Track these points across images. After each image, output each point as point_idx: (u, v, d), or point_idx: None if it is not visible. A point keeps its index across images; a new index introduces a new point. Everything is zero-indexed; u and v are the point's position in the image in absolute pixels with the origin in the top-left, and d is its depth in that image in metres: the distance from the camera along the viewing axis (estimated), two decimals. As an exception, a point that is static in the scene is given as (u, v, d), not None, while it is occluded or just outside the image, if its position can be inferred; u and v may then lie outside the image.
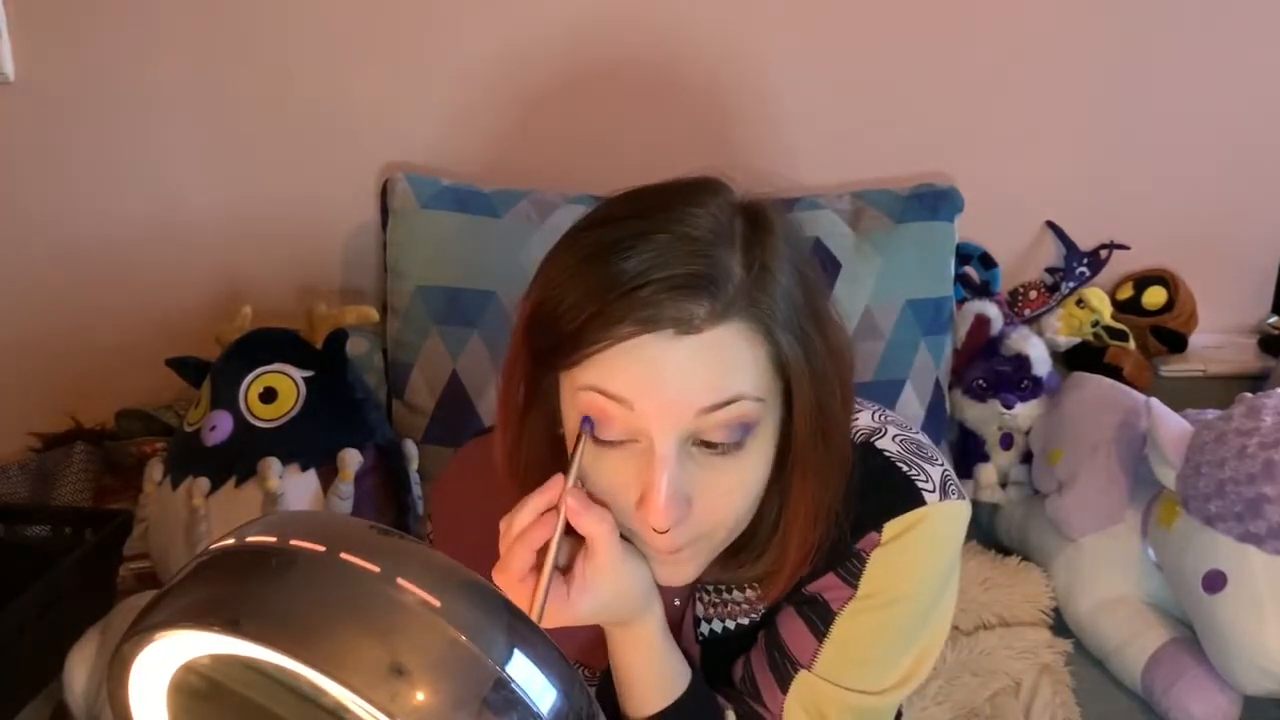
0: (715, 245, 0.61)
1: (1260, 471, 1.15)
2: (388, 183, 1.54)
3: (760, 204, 0.67)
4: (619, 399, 0.61)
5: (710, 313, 0.60)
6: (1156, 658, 1.26)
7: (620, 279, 0.60)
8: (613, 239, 0.62)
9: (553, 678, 0.49)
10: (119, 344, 1.63)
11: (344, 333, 1.38)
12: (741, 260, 0.62)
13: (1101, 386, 1.51)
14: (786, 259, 0.64)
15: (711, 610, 0.80)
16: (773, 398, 0.64)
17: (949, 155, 1.66)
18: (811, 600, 0.75)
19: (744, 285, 0.61)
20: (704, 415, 0.61)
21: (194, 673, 0.51)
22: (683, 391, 0.60)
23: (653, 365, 0.60)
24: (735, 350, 0.61)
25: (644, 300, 0.59)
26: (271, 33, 1.55)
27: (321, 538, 0.48)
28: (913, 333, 1.53)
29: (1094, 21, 1.63)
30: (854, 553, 0.72)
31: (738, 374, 0.61)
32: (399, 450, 1.40)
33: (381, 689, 0.44)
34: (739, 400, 0.61)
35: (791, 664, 0.75)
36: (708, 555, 0.69)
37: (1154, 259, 1.75)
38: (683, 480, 0.62)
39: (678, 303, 0.59)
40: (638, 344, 0.60)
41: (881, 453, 0.74)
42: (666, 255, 0.60)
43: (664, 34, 1.58)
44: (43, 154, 1.57)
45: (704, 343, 0.60)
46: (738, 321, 0.61)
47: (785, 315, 0.62)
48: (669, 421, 0.61)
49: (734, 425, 0.62)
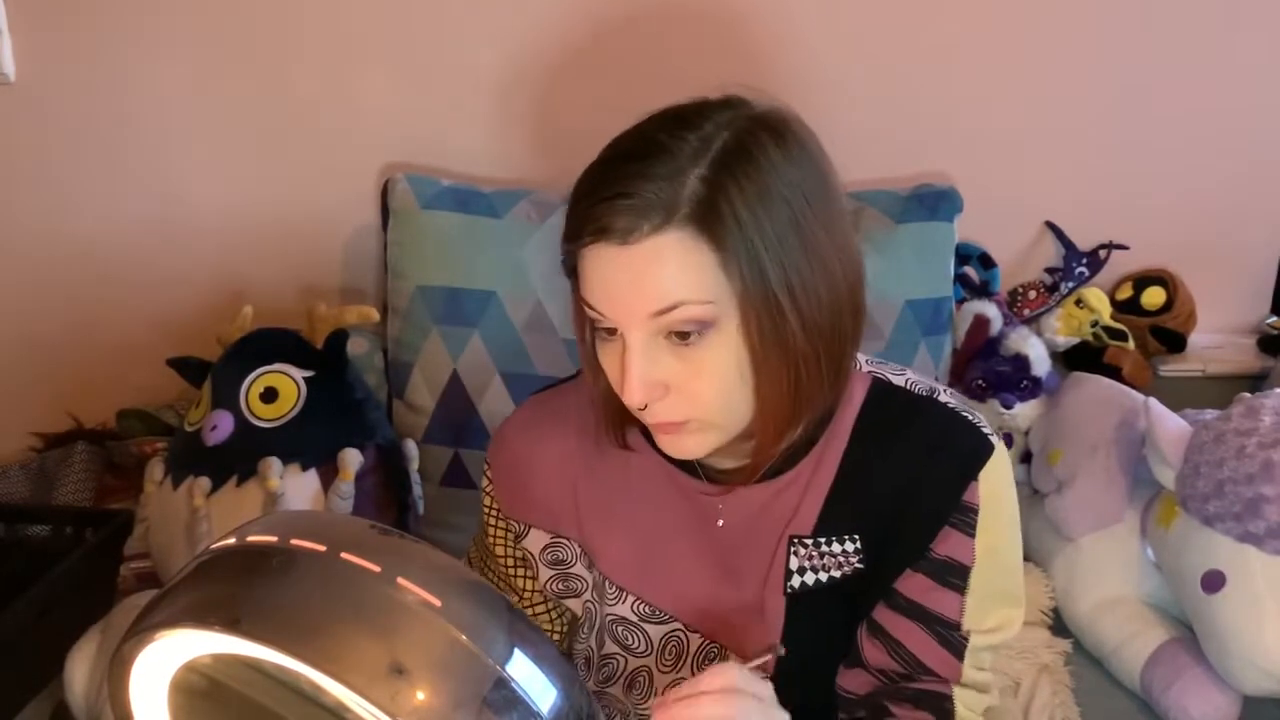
0: (679, 169, 0.68)
1: (1259, 471, 1.15)
2: (388, 183, 1.54)
3: (757, 126, 0.72)
4: (593, 306, 0.72)
5: (651, 226, 0.67)
6: (1155, 658, 1.26)
7: (593, 194, 0.69)
8: (604, 160, 0.72)
9: (553, 677, 0.49)
10: (120, 344, 1.63)
11: (344, 333, 1.38)
12: (701, 176, 0.68)
13: (1101, 386, 1.51)
14: (761, 180, 0.69)
15: (808, 562, 0.83)
16: (728, 299, 0.69)
17: (949, 155, 1.66)
18: (947, 566, 0.80)
19: (693, 201, 0.68)
20: (658, 318, 0.69)
21: (195, 672, 0.51)
22: (632, 297, 0.69)
23: (606, 272, 0.70)
24: (677, 258, 0.68)
25: (599, 213, 0.68)
26: (271, 33, 1.55)
27: (322, 538, 0.48)
28: (912, 333, 1.53)
29: (1094, 22, 1.63)
30: (964, 505, 0.79)
31: (681, 279, 0.68)
32: (399, 450, 1.40)
33: (382, 688, 0.44)
34: (682, 305, 0.69)
35: (955, 629, 0.81)
36: (708, 437, 0.75)
37: (1153, 259, 1.75)
38: (654, 368, 0.71)
39: (626, 216, 0.67)
40: (594, 251, 0.70)
41: (946, 405, 0.82)
42: (630, 176, 0.68)
43: (664, 34, 1.58)
44: (43, 154, 1.57)
45: (645, 251, 0.68)
46: (678, 232, 0.68)
47: (736, 232, 0.68)
48: (629, 322, 0.70)
49: (688, 323, 0.69)
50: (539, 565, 0.91)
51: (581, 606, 0.92)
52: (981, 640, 0.81)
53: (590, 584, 0.90)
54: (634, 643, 0.88)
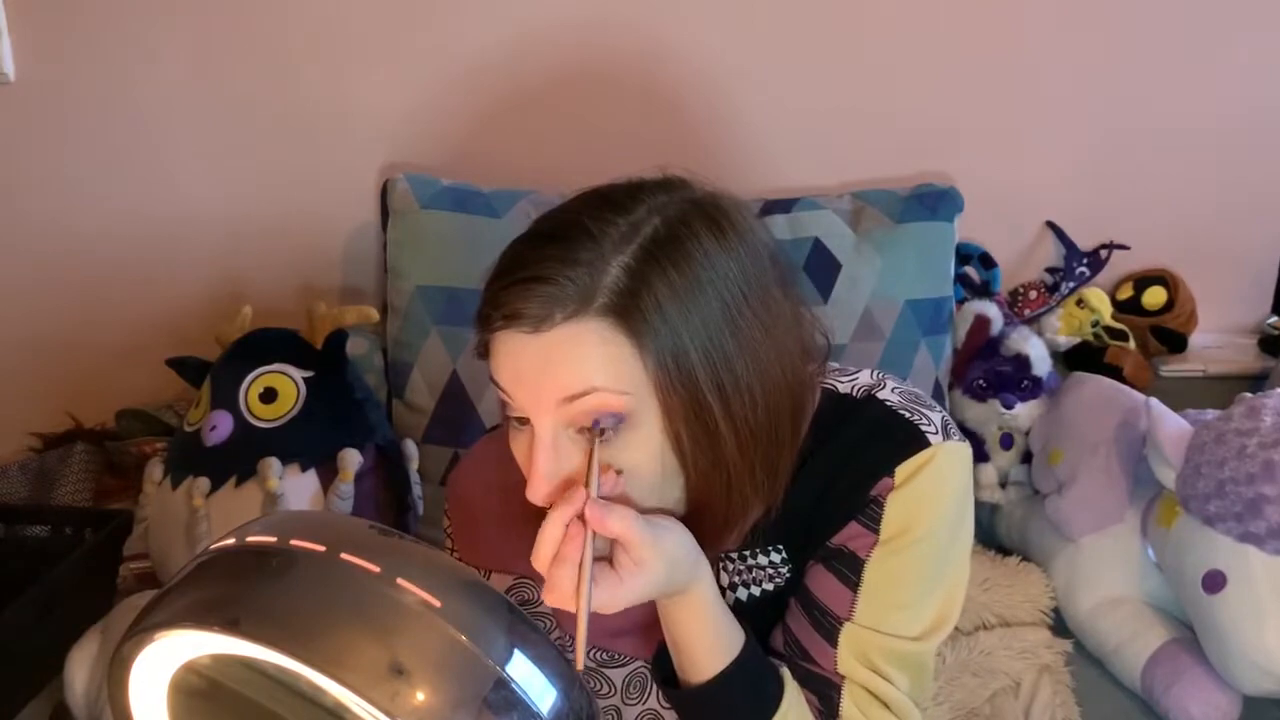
0: (602, 253, 0.65)
1: (1260, 472, 1.15)
2: (388, 183, 1.54)
3: (693, 214, 0.68)
4: (501, 388, 0.68)
5: (566, 313, 0.64)
6: (1156, 658, 1.26)
7: (507, 273, 0.66)
8: (527, 237, 0.68)
9: (553, 678, 0.49)
10: (119, 344, 1.63)
11: (344, 333, 1.38)
12: (625, 265, 0.65)
13: (1101, 386, 1.51)
14: (685, 271, 0.66)
15: (737, 577, 0.81)
16: (646, 393, 0.66)
17: (949, 155, 1.66)
18: (838, 553, 0.77)
19: (612, 290, 0.64)
20: (567, 404, 0.65)
21: (194, 672, 0.51)
22: (543, 382, 0.65)
23: (516, 356, 0.66)
24: (592, 347, 0.64)
25: (511, 294, 0.65)
26: (271, 33, 1.55)
27: (322, 538, 0.48)
28: (912, 333, 1.53)
29: (1094, 21, 1.63)
30: (871, 499, 0.75)
31: (595, 367, 0.65)
32: (399, 450, 1.40)
33: (382, 689, 0.44)
34: (595, 392, 0.64)
35: (833, 619, 0.77)
36: None
37: (1154, 259, 1.75)
38: (562, 463, 0.67)
39: (539, 300, 0.64)
40: (505, 336, 0.66)
41: (883, 403, 0.78)
42: (548, 260, 0.65)
43: (664, 34, 1.58)
44: (43, 154, 1.57)
45: (559, 337, 0.64)
46: (595, 321, 0.64)
47: (658, 322, 0.64)
48: (538, 409, 0.66)
49: (600, 413, 0.65)
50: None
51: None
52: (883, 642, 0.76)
53: (557, 622, 0.88)
54: (598, 686, 0.87)
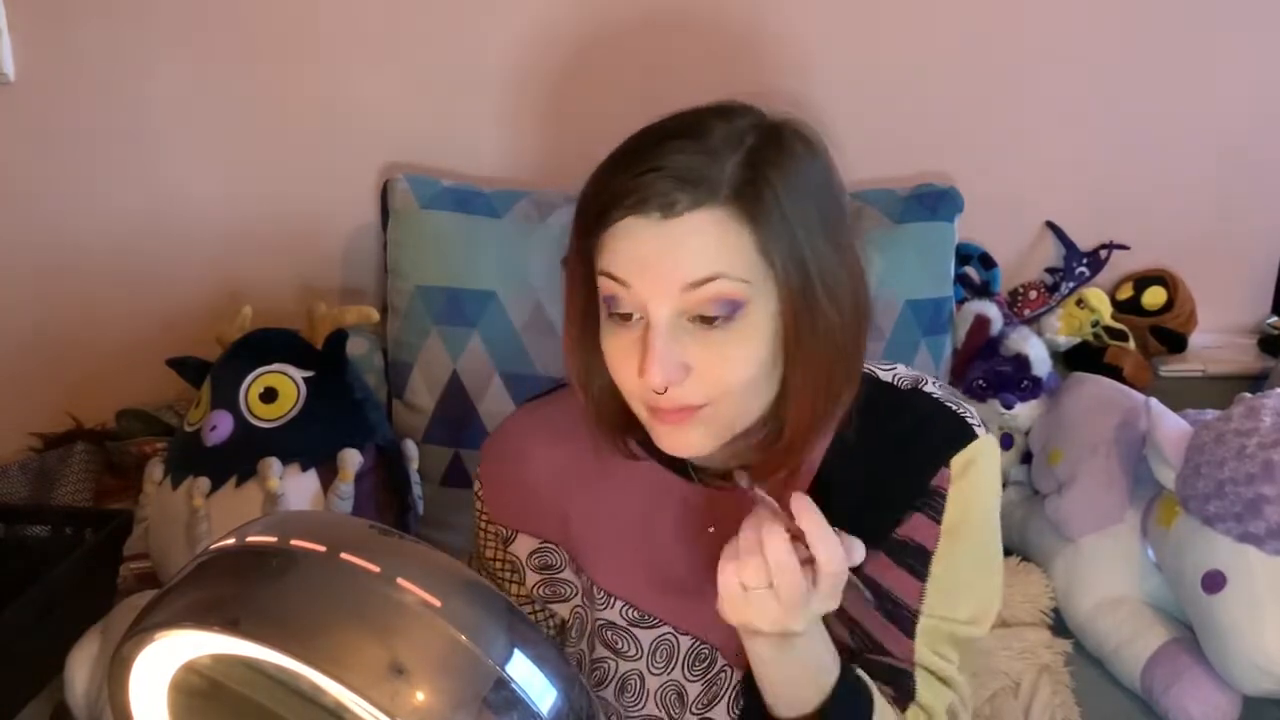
0: (718, 148, 0.69)
1: (1259, 472, 1.15)
2: (388, 183, 1.54)
3: (785, 125, 0.73)
4: (619, 279, 0.70)
5: (694, 200, 0.67)
6: (1156, 658, 1.26)
7: (629, 170, 0.69)
8: (638, 140, 0.71)
9: (553, 678, 0.49)
10: (119, 344, 1.63)
11: (344, 333, 1.38)
12: (740, 162, 0.69)
13: (1101, 386, 1.51)
14: (793, 173, 0.70)
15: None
16: (763, 282, 0.69)
17: (949, 155, 1.66)
18: (904, 546, 0.80)
19: (735, 181, 0.68)
20: (690, 291, 0.68)
21: (194, 672, 0.51)
22: (668, 268, 0.68)
23: (642, 244, 0.68)
24: (716, 234, 0.68)
25: (639, 185, 0.68)
26: (271, 33, 1.55)
27: (322, 538, 0.48)
28: (912, 333, 1.53)
29: (1094, 22, 1.63)
30: (932, 490, 0.79)
31: (718, 254, 0.68)
32: (399, 450, 1.40)
33: (382, 688, 0.44)
34: (719, 278, 0.68)
35: (907, 610, 0.80)
36: (714, 429, 0.73)
37: (1154, 259, 1.75)
38: (677, 350, 0.69)
39: (666, 189, 0.67)
40: (629, 224, 0.68)
41: (930, 395, 0.82)
42: (670, 152, 0.68)
43: (664, 34, 1.58)
44: (43, 154, 1.57)
45: (686, 224, 0.67)
46: (720, 210, 0.68)
47: (776, 216, 0.68)
48: (659, 295, 0.68)
49: (720, 301, 0.68)
50: (526, 570, 0.92)
51: (570, 611, 0.92)
52: (945, 626, 0.80)
53: (580, 589, 0.90)
54: (624, 647, 0.88)
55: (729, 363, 0.70)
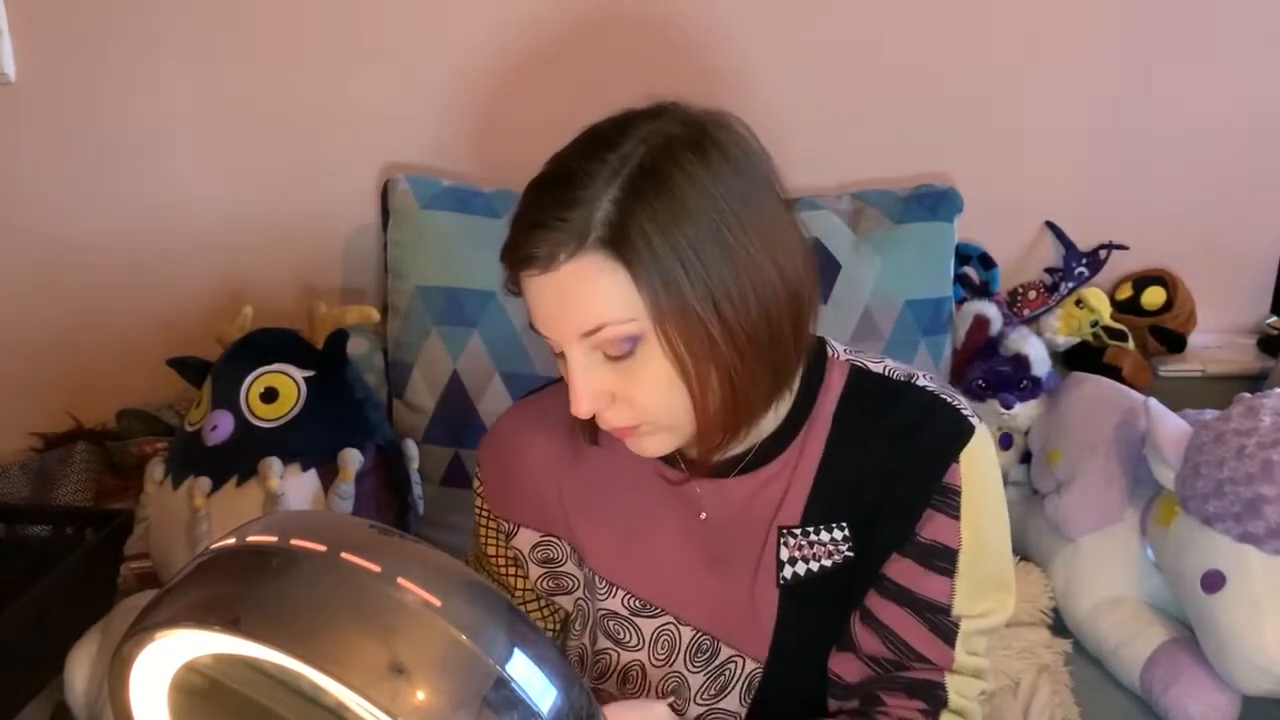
0: (592, 195, 0.70)
1: (1259, 472, 1.15)
2: (388, 183, 1.54)
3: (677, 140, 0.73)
4: (538, 332, 0.75)
5: (568, 252, 0.70)
6: (1155, 658, 1.26)
7: (517, 219, 0.74)
8: (530, 188, 0.76)
9: (553, 677, 0.49)
10: (120, 344, 1.63)
11: (344, 333, 1.38)
12: (613, 198, 0.70)
13: (1100, 386, 1.51)
14: (678, 193, 0.70)
15: (798, 552, 0.83)
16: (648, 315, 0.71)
17: (949, 155, 1.66)
18: (932, 549, 0.80)
19: (603, 227, 0.70)
20: (587, 337, 0.72)
21: (195, 672, 0.51)
22: (562, 320, 0.72)
23: (537, 298, 0.73)
24: (594, 282, 0.70)
25: (520, 242, 0.72)
26: (271, 33, 1.55)
27: (322, 538, 0.48)
28: (912, 333, 1.53)
29: (1094, 22, 1.63)
30: (945, 487, 0.80)
31: (601, 303, 0.71)
32: (399, 450, 1.40)
33: (382, 688, 0.44)
34: (606, 325, 0.71)
35: (944, 613, 0.81)
36: (665, 436, 0.77)
37: (1153, 259, 1.75)
38: (595, 381, 0.74)
39: (542, 244, 0.71)
40: (525, 279, 0.73)
41: (925, 389, 0.83)
42: (547, 205, 0.71)
43: (663, 34, 1.58)
44: (43, 154, 1.57)
45: (563, 278, 0.71)
46: (593, 256, 0.70)
47: (647, 252, 0.69)
48: (566, 342, 0.73)
49: (615, 342, 0.72)
50: (529, 563, 0.93)
51: (573, 604, 0.94)
52: (973, 625, 0.81)
53: (581, 581, 0.92)
54: (626, 637, 0.89)
55: (643, 386, 0.74)
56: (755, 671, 0.86)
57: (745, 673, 0.86)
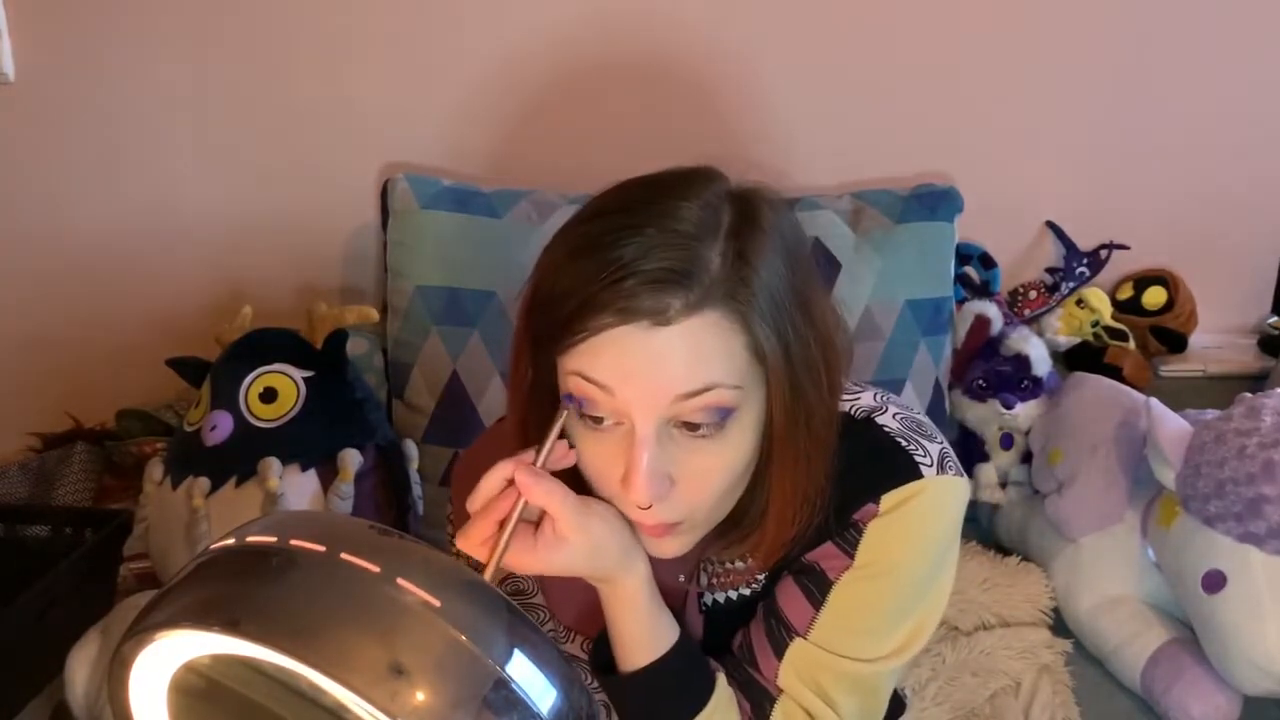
0: (697, 238, 0.64)
1: (1260, 471, 1.15)
2: (388, 183, 1.54)
3: (751, 195, 0.69)
4: (601, 385, 0.64)
5: (685, 305, 0.62)
6: (1156, 658, 1.26)
7: (604, 271, 0.62)
8: (601, 232, 0.64)
9: (553, 678, 0.49)
10: (119, 344, 1.63)
11: (344, 333, 1.38)
12: (722, 251, 0.64)
13: (1101, 386, 1.51)
14: (772, 250, 0.66)
15: (714, 581, 0.81)
16: (752, 384, 0.66)
17: (949, 155, 1.66)
18: (809, 570, 0.77)
19: (722, 278, 0.63)
20: (681, 401, 0.64)
21: (194, 672, 0.51)
22: (659, 379, 0.63)
23: (630, 354, 0.63)
24: (710, 340, 0.63)
25: (624, 292, 0.62)
26: (271, 33, 1.55)
27: (321, 538, 0.48)
28: (912, 333, 1.53)
29: (1094, 22, 1.63)
30: (851, 523, 0.75)
31: (712, 363, 0.64)
32: (399, 450, 1.40)
33: (381, 688, 0.44)
34: (714, 388, 0.64)
35: (787, 631, 0.77)
36: (695, 532, 0.71)
37: (1154, 259, 1.75)
38: (663, 460, 0.65)
39: (655, 295, 0.62)
40: (618, 334, 0.62)
41: (881, 428, 0.76)
42: (648, 248, 0.62)
43: (663, 34, 1.58)
44: (43, 154, 1.57)
45: (678, 333, 0.62)
46: (712, 313, 0.63)
47: (765, 306, 0.64)
48: (647, 406, 0.64)
49: (711, 409, 0.64)
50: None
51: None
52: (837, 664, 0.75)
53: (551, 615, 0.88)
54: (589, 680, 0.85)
55: (713, 474, 0.67)
56: None
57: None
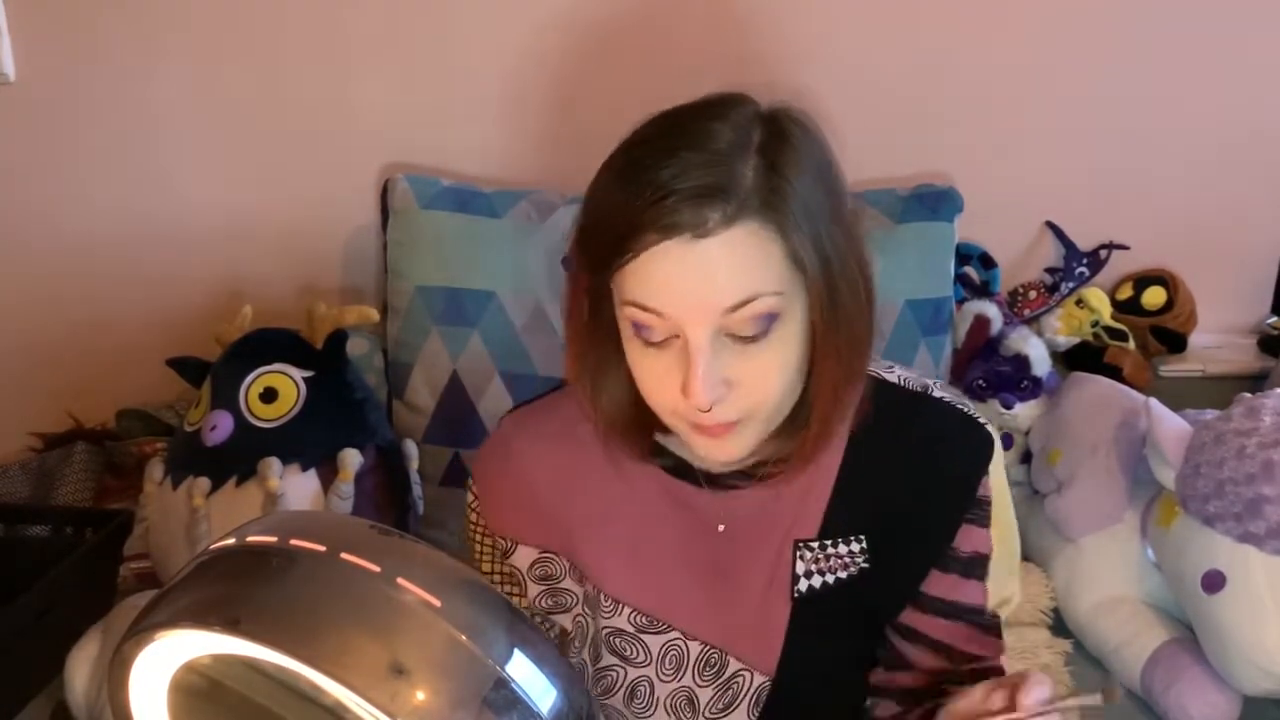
0: (731, 154, 0.67)
1: (1259, 472, 1.15)
2: (388, 183, 1.54)
3: (780, 114, 0.73)
4: (656, 311, 0.68)
5: (723, 217, 0.66)
6: (1155, 658, 1.26)
7: (645, 192, 0.66)
8: (640, 157, 0.69)
9: (553, 678, 0.49)
10: (119, 344, 1.63)
11: (344, 333, 1.38)
12: (755, 165, 0.68)
13: (1101, 386, 1.51)
14: (803, 163, 0.70)
15: (814, 565, 0.83)
16: (794, 290, 0.69)
17: (949, 155, 1.66)
18: (973, 561, 0.82)
19: (757, 189, 0.67)
20: (729, 314, 0.67)
21: (194, 672, 0.51)
22: (706, 294, 0.67)
23: (677, 270, 0.67)
24: (749, 250, 0.67)
25: (665, 210, 0.66)
26: (272, 34, 1.55)
27: (322, 538, 0.48)
28: (912, 333, 1.53)
29: (1094, 22, 1.63)
30: (979, 500, 0.82)
31: (755, 272, 0.67)
32: (399, 450, 1.40)
33: (382, 688, 0.44)
34: (758, 297, 0.67)
35: (993, 618, 0.84)
36: (754, 431, 0.74)
37: (1154, 259, 1.75)
38: (718, 366, 0.69)
39: (694, 210, 0.65)
40: (662, 250, 0.66)
41: (942, 400, 0.83)
42: (686, 167, 0.66)
43: (663, 34, 1.58)
44: (43, 154, 1.57)
45: (719, 244, 0.66)
46: (751, 223, 0.66)
47: (799, 216, 0.68)
48: (698, 320, 0.68)
49: (758, 318, 0.68)
50: (526, 581, 0.90)
51: (572, 621, 0.90)
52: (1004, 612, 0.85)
53: (580, 598, 0.89)
54: (633, 654, 0.87)
55: (768, 374, 0.71)
56: (764, 685, 0.85)
57: (754, 686, 0.85)
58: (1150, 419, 1.29)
